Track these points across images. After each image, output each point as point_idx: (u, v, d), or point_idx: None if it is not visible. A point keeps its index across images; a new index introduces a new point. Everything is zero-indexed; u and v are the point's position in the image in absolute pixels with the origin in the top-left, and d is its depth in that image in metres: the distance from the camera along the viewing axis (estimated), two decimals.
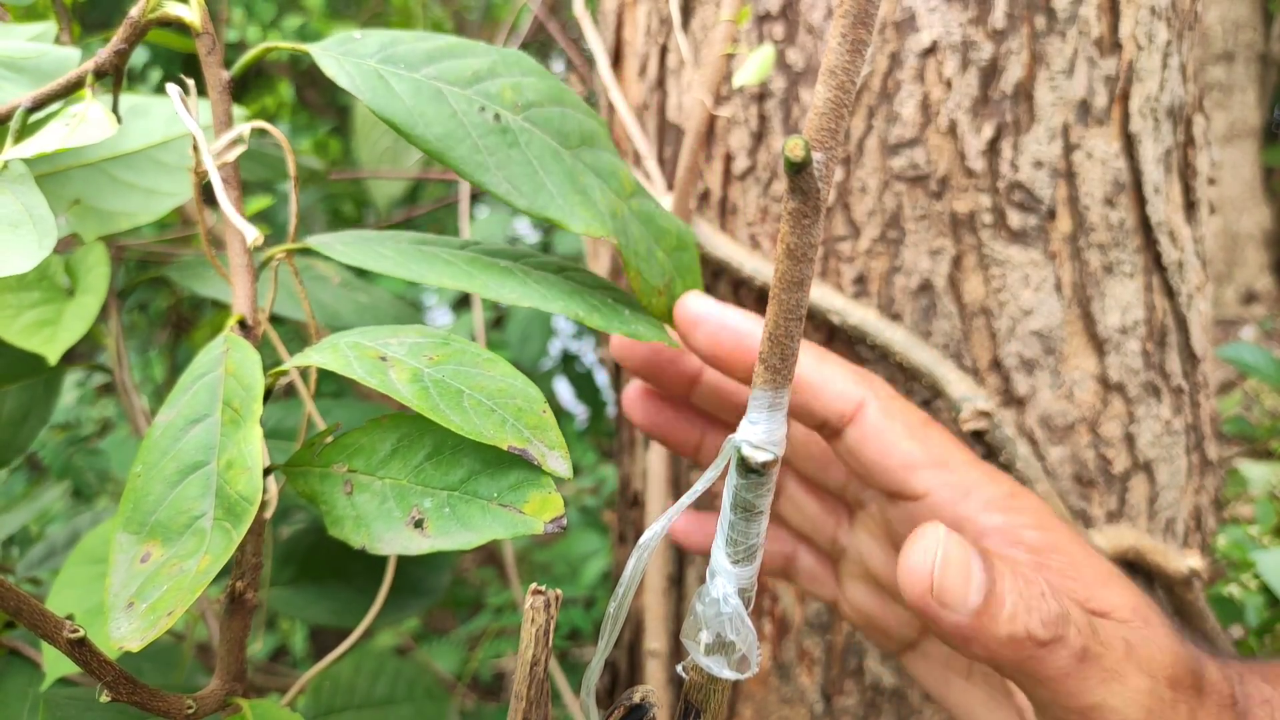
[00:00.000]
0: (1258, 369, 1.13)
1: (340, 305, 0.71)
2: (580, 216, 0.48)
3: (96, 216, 0.59)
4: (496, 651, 1.62)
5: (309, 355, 0.42)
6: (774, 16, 0.69)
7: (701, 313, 0.50)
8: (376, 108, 0.45)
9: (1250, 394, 2.50)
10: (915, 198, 0.67)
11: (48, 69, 0.54)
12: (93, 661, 0.35)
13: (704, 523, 0.59)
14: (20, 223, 0.41)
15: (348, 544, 0.39)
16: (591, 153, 0.51)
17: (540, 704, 0.35)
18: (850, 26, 0.27)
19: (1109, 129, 0.67)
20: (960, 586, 0.36)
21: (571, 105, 0.51)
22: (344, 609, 0.69)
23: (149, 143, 0.61)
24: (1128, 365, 0.69)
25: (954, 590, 0.37)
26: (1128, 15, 0.66)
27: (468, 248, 0.52)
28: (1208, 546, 0.79)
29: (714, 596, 0.35)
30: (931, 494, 0.47)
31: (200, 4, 0.48)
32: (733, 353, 0.49)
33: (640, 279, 0.50)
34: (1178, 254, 0.71)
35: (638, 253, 0.51)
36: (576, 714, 0.86)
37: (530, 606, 0.34)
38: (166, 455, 0.42)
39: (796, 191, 0.29)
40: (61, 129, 0.45)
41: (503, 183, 0.47)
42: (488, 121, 0.47)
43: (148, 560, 0.39)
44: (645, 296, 0.51)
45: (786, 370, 0.33)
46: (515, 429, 0.38)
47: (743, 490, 0.34)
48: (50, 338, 0.58)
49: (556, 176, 0.48)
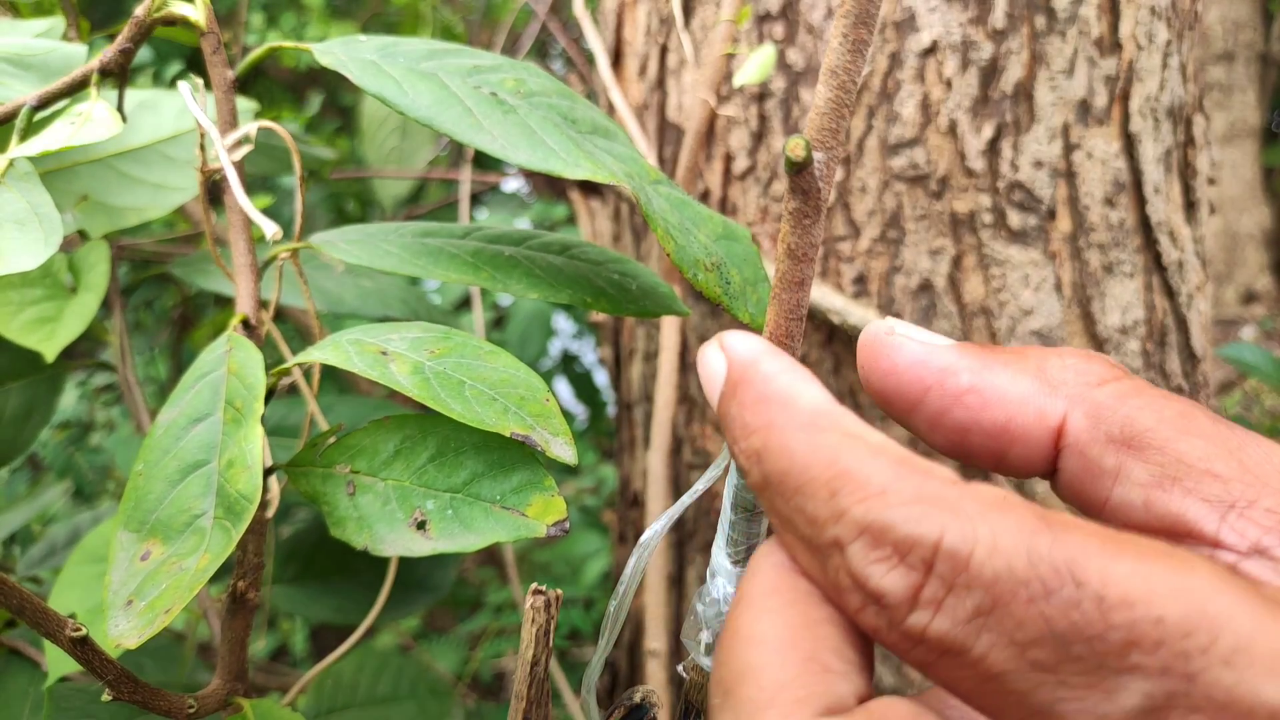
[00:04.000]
0: (1258, 369, 1.13)
1: (344, 292, 0.71)
2: (584, 166, 0.44)
3: (104, 212, 0.59)
4: (497, 651, 1.62)
5: (311, 353, 0.42)
6: (774, 16, 0.70)
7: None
8: (366, 85, 0.45)
9: (1250, 394, 2.50)
10: (915, 198, 0.67)
11: (55, 66, 0.54)
12: (95, 660, 0.35)
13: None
14: (26, 221, 0.41)
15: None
16: (606, 141, 0.49)
17: (540, 704, 0.35)
18: (851, 26, 0.27)
19: (1109, 129, 0.67)
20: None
21: (583, 104, 0.51)
22: (348, 606, 0.70)
23: (158, 137, 0.61)
24: (1128, 365, 0.70)
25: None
26: (1128, 15, 0.66)
27: (470, 235, 0.52)
28: None
29: (714, 596, 0.35)
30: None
31: (205, 3, 0.48)
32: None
33: (673, 242, 0.43)
34: (1178, 254, 0.71)
35: (667, 220, 0.46)
36: (576, 714, 0.86)
37: (531, 606, 0.34)
38: (168, 454, 0.42)
39: (797, 191, 0.29)
40: (67, 127, 0.45)
41: (497, 140, 0.44)
42: (483, 95, 0.46)
43: (148, 558, 0.39)
44: (688, 268, 0.45)
45: None
46: (518, 416, 0.38)
47: (743, 490, 0.34)
48: (49, 335, 0.58)
49: (558, 138, 0.46)
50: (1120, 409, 0.30)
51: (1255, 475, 0.28)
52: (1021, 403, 0.31)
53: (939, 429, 0.32)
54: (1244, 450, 0.28)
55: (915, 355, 0.33)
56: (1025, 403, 0.31)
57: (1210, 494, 0.28)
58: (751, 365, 0.30)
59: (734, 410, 0.30)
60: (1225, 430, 0.29)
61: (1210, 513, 0.28)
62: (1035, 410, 0.31)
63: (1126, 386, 0.31)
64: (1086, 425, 0.30)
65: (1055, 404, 0.31)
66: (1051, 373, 0.32)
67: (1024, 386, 0.32)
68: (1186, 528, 0.28)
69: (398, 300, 0.72)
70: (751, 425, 0.29)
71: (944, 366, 0.32)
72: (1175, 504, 0.28)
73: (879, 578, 0.25)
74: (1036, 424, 0.31)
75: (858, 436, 0.27)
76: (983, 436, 0.32)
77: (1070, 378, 0.31)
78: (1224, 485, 0.28)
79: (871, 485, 0.25)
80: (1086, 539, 0.24)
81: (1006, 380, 0.32)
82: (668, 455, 0.77)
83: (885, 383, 0.33)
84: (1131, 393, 0.30)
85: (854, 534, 0.25)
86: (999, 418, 0.31)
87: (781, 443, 0.28)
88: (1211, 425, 0.29)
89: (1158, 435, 0.29)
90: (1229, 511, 0.28)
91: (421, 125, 0.44)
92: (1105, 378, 0.31)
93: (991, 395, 0.32)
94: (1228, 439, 0.29)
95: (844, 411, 0.28)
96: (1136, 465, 0.29)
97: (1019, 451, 0.32)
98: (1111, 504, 0.29)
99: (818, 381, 0.30)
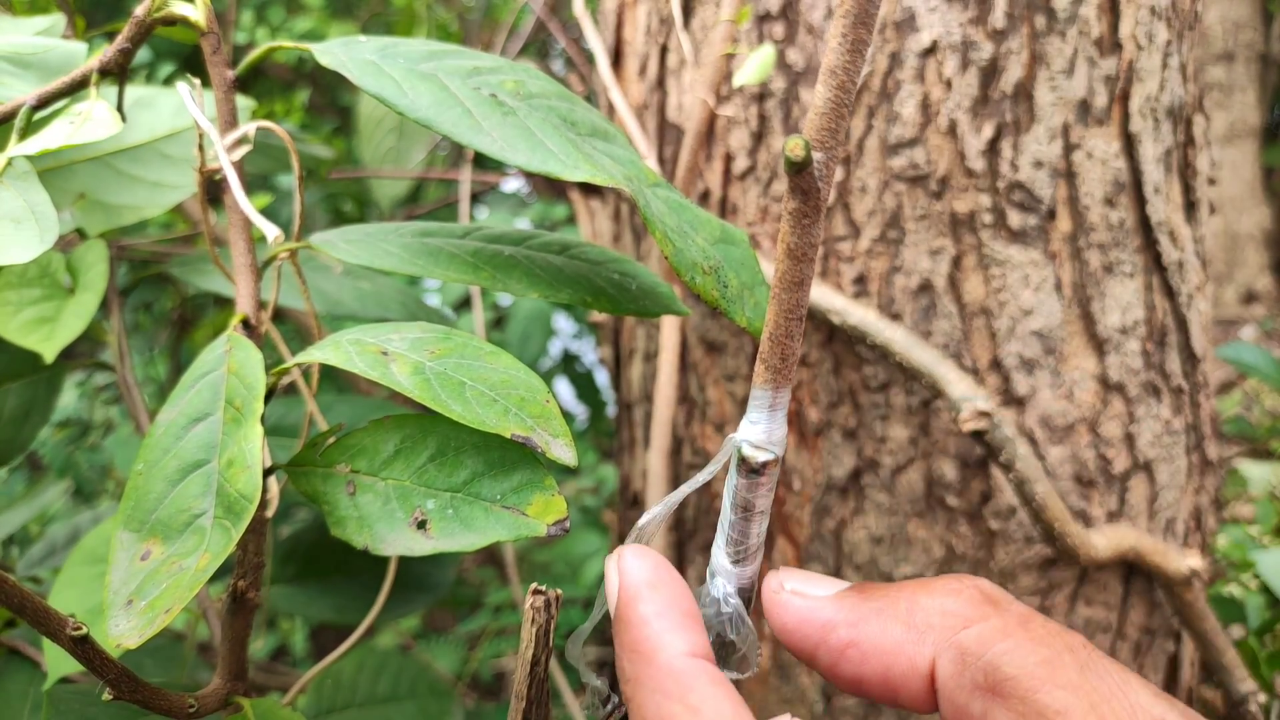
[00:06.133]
0: (1258, 369, 1.13)
1: (343, 293, 0.71)
2: (583, 168, 0.44)
3: (102, 210, 0.59)
4: (496, 651, 1.62)
5: (311, 353, 0.42)
6: (774, 16, 0.70)
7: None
8: (366, 86, 0.45)
9: (1250, 394, 2.50)
10: (915, 198, 0.67)
11: (54, 64, 0.54)
12: (95, 659, 0.35)
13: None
14: (23, 219, 0.41)
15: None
16: (605, 144, 0.49)
17: (540, 703, 0.35)
18: (850, 26, 0.27)
19: (1109, 129, 0.67)
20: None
21: (582, 106, 0.51)
22: (348, 605, 0.69)
23: (154, 135, 0.61)
24: (1128, 365, 0.69)
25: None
26: (1128, 15, 0.66)
27: (470, 235, 0.52)
28: (1208, 546, 0.79)
29: (714, 596, 0.35)
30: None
31: (205, 3, 0.48)
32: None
33: (671, 246, 0.43)
34: (1178, 254, 0.71)
35: (666, 223, 0.46)
36: (576, 713, 0.86)
37: (531, 606, 0.34)
38: (168, 453, 0.42)
39: (797, 191, 0.29)
40: (66, 127, 0.45)
41: (496, 141, 0.44)
42: (483, 97, 0.46)
43: (148, 558, 0.39)
44: (686, 271, 0.45)
45: (786, 370, 0.33)
46: (518, 418, 0.38)
47: (743, 490, 0.34)
48: (48, 335, 0.58)
49: (558, 140, 0.46)
50: (985, 654, 0.30)
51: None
52: (895, 652, 0.32)
53: (836, 678, 0.34)
54: (1107, 704, 0.28)
55: (800, 614, 0.34)
56: (898, 652, 0.32)
57: None
58: (632, 603, 0.33)
59: (617, 649, 0.33)
60: (1091, 680, 0.29)
61: None
62: (907, 659, 0.32)
63: (993, 627, 0.31)
64: (953, 672, 0.31)
65: (923, 651, 0.32)
66: (919, 617, 0.32)
67: (895, 635, 0.32)
68: None
69: (396, 303, 0.72)
70: (625, 674, 0.32)
71: (824, 622, 0.34)
72: None
73: None
74: (911, 672, 0.32)
75: (695, 711, 0.30)
76: (872, 685, 0.33)
77: (936, 621, 0.32)
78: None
79: None
80: None
81: (878, 631, 0.33)
82: (668, 455, 0.77)
83: (783, 639, 0.35)
84: (998, 635, 0.31)
85: None
86: (878, 669, 0.33)
87: (639, 701, 0.31)
88: (1078, 675, 0.29)
89: (1020, 685, 0.29)
90: None
91: (419, 126, 0.44)
92: (970, 619, 0.31)
93: (868, 648, 0.33)
94: (1091, 690, 0.29)
95: (699, 672, 0.31)
96: (1001, 713, 0.29)
97: (905, 695, 0.33)
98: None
99: (692, 620, 0.32)
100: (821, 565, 0.73)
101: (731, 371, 0.75)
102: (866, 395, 0.70)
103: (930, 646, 0.32)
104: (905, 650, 0.32)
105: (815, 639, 0.34)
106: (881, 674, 0.32)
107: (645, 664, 0.31)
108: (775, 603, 0.35)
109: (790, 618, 0.34)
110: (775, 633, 0.35)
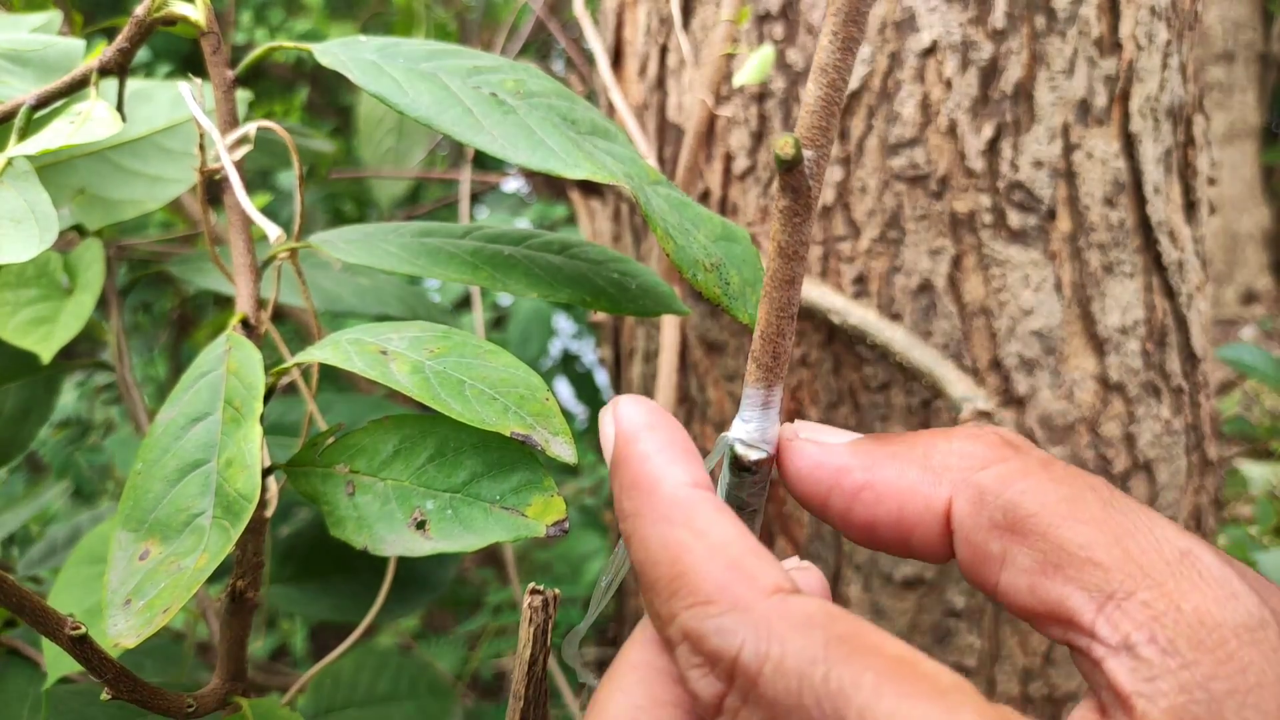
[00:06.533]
0: (1258, 369, 1.13)
1: (342, 290, 0.71)
2: (584, 166, 0.44)
3: (102, 206, 0.59)
4: (496, 651, 1.62)
5: (310, 353, 0.42)
6: (774, 16, 0.70)
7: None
8: (366, 85, 0.45)
9: (1250, 394, 2.50)
10: (915, 198, 0.67)
11: (53, 62, 0.54)
12: (94, 659, 0.35)
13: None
14: (23, 218, 0.41)
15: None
16: (606, 142, 0.49)
17: (539, 703, 0.35)
18: (842, 24, 0.27)
19: (1109, 129, 0.67)
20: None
21: (582, 105, 0.51)
22: (347, 604, 0.69)
23: (152, 129, 0.61)
24: (1128, 365, 0.69)
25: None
26: (1128, 15, 0.66)
27: (470, 235, 0.52)
28: None
29: None
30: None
31: (205, 3, 0.48)
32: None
33: (672, 243, 0.43)
34: (1178, 254, 0.71)
35: (667, 221, 0.46)
36: (576, 713, 0.86)
37: (529, 606, 0.34)
38: (167, 453, 0.42)
39: (788, 189, 0.29)
40: (66, 126, 0.45)
41: (497, 140, 0.44)
42: (483, 96, 0.46)
43: (146, 558, 0.39)
44: (687, 269, 0.45)
45: (779, 368, 0.33)
46: (518, 416, 0.38)
47: (736, 489, 0.34)
48: (46, 336, 0.57)
49: (558, 138, 0.46)
50: (1003, 493, 0.30)
51: (1138, 565, 0.27)
52: (910, 493, 0.32)
53: (849, 525, 0.33)
54: (1131, 537, 0.27)
55: (814, 459, 0.34)
56: (913, 493, 0.32)
57: (1090, 583, 0.27)
58: (630, 442, 0.32)
59: (616, 490, 0.32)
60: (1115, 515, 0.28)
61: (1089, 602, 0.27)
62: (923, 500, 0.31)
63: (1012, 468, 0.30)
64: (970, 511, 0.30)
65: (940, 491, 0.31)
66: (936, 459, 0.32)
67: (911, 477, 0.32)
68: (1068, 616, 0.27)
69: (395, 299, 0.72)
70: (625, 510, 0.31)
71: (839, 466, 0.33)
72: (1057, 592, 0.28)
73: (695, 681, 0.27)
74: (926, 513, 0.31)
75: (702, 534, 0.29)
76: (885, 529, 0.32)
77: (954, 463, 0.31)
78: (1104, 574, 0.27)
79: (700, 592, 0.27)
80: (863, 672, 0.24)
81: (894, 473, 0.32)
82: None
83: (795, 488, 0.34)
84: (1017, 475, 0.30)
85: (680, 638, 0.27)
86: (892, 510, 0.32)
87: (642, 534, 0.30)
88: (1100, 510, 0.28)
89: (1040, 521, 0.28)
90: (1106, 602, 0.27)
91: (419, 126, 0.44)
92: (989, 460, 0.31)
93: (883, 489, 0.32)
94: (1116, 525, 0.28)
95: (702, 499, 0.30)
96: (1020, 551, 0.29)
97: (919, 539, 0.32)
98: (1001, 588, 0.29)
99: (691, 456, 0.32)
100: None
101: (731, 371, 0.75)
102: (866, 395, 0.70)
103: (947, 487, 0.31)
104: (921, 490, 0.31)
105: (829, 483, 0.33)
106: (895, 516, 0.32)
107: (646, 496, 0.30)
108: (789, 449, 0.34)
109: (804, 462, 0.34)
110: (787, 483, 0.34)
